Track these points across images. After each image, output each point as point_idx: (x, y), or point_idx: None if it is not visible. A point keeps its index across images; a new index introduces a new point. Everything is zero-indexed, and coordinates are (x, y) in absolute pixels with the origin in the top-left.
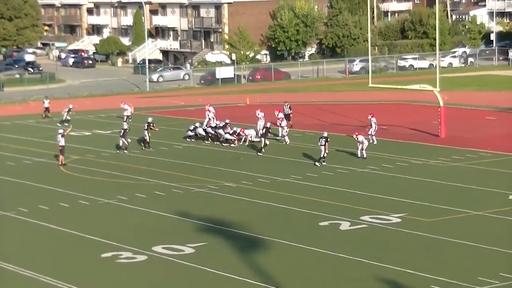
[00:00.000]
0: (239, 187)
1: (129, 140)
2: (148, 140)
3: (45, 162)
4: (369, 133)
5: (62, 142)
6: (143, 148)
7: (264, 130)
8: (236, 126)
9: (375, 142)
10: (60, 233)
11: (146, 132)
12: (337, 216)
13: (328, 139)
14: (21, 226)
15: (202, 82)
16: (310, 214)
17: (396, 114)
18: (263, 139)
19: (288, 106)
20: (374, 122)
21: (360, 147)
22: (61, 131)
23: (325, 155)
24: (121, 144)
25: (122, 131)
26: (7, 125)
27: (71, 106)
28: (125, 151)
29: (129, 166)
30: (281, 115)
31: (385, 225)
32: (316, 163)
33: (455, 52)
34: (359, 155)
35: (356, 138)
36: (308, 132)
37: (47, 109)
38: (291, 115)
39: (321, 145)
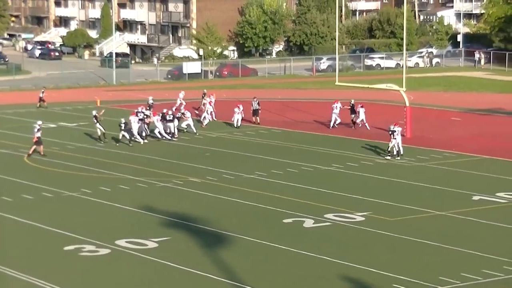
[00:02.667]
0: (204, 183)
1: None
2: (103, 131)
3: (9, 154)
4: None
5: (38, 133)
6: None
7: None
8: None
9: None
10: (23, 225)
11: (98, 125)
12: (301, 214)
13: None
14: None
15: (169, 76)
16: (274, 211)
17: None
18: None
19: (257, 101)
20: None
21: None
22: (39, 122)
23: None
24: (120, 137)
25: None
26: None
27: (151, 102)
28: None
29: (94, 159)
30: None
31: (349, 224)
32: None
33: (422, 52)
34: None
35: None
36: (274, 129)
37: (41, 98)
38: (259, 111)
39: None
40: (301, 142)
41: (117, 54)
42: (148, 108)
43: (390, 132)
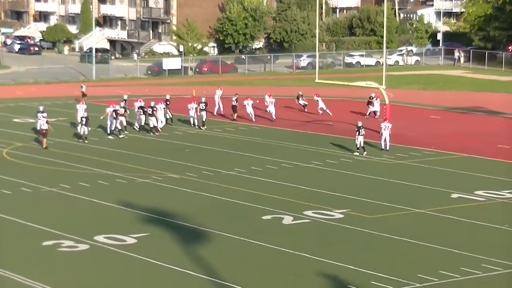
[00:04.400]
0: (183, 179)
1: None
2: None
3: None
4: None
5: (45, 125)
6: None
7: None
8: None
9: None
10: (1, 220)
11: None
12: (280, 210)
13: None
14: None
15: (149, 72)
16: (254, 208)
17: (342, 110)
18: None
19: (236, 98)
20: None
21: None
22: (45, 114)
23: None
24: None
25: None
26: None
27: (126, 97)
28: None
29: (73, 155)
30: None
31: (328, 221)
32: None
33: (401, 50)
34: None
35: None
36: (253, 126)
37: (83, 94)
38: (237, 107)
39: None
40: (280, 139)
41: (97, 50)
42: (123, 103)
43: (356, 129)
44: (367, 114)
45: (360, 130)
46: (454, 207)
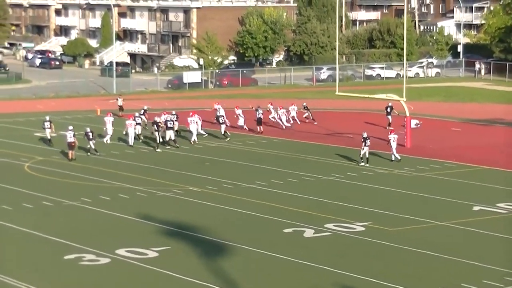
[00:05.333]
0: (203, 192)
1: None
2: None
3: (9, 162)
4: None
5: (72, 138)
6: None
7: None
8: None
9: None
10: (23, 234)
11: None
12: (302, 223)
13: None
14: None
15: (169, 86)
16: (275, 221)
17: (362, 123)
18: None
19: (262, 111)
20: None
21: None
22: (71, 127)
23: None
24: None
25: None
26: None
27: (146, 108)
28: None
29: (93, 168)
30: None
31: (349, 233)
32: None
33: (422, 62)
34: (393, 158)
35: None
36: (274, 138)
37: (120, 107)
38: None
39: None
40: (301, 152)
41: (117, 63)
42: (142, 114)
43: (362, 140)
44: (389, 125)
45: (366, 141)
46: (476, 220)
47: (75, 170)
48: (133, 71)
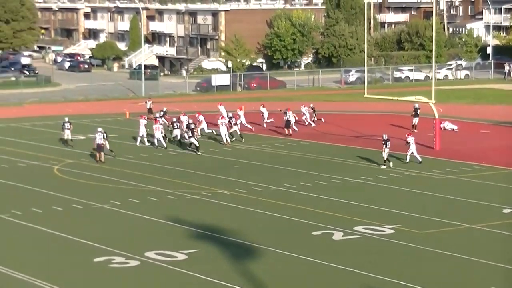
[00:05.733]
0: (233, 195)
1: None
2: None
3: (39, 165)
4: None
5: (101, 140)
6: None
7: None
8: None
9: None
10: (53, 236)
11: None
12: (330, 226)
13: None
14: (14, 229)
15: (198, 89)
16: (304, 223)
17: (391, 125)
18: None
19: (290, 113)
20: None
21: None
22: (100, 129)
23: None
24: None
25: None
26: (1, 128)
27: (165, 109)
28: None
29: (122, 171)
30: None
31: (378, 236)
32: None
33: (451, 64)
34: (407, 160)
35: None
36: (302, 141)
37: (149, 110)
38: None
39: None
40: (330, 154)
41: (146, 66)
42: (161, 116)
43: (383, 142)
44: (414, 127)
45: (387, 143)
46: (506, 223)
47: (104, 173)
48: (161, 74)
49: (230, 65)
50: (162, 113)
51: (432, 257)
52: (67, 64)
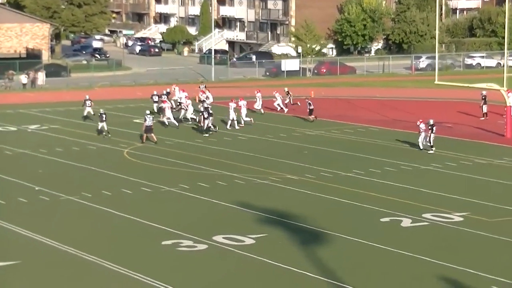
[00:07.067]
0: (301, 180)
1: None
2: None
3: (109, 148)
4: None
5: (151, 122)
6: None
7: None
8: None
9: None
10: (122, 219)
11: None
12: (399, 213)
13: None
14: (84, 211)
15: (267, 74)
16: (372, 210)
17: (461, 112)
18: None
19: (308, 101)
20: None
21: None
22: (148, 111)
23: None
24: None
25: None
26: (72, 111)
27: (168, 90)
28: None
29: (191, 155)
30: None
31: (447, 224)
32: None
33: None
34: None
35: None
36: (371, 127)
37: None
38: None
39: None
40: (399, 141)
41: (216, 51)
42: (165, 94)
43: (429, 127)
44: (484, 115)
45: (433, 128)
46: None
47: (173, 157)
48: (231, 58)
49: (300, 50)
50: (165, 93)
51: (502, 245)
52: (137, 48)
